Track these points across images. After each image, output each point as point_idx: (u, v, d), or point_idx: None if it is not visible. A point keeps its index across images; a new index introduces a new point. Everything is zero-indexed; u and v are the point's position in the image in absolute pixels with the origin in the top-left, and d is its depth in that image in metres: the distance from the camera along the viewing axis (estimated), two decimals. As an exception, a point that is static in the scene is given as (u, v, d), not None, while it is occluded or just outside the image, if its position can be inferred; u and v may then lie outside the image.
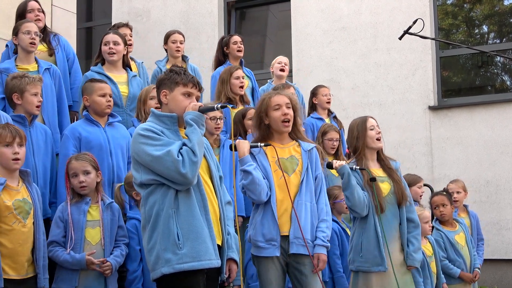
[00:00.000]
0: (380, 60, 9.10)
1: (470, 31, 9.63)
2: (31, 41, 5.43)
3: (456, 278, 6.07)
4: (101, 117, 5.06)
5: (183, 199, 3.56)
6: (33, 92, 4.78)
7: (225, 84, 6.27)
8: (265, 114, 4.42)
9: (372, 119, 4.93)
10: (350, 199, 4.65)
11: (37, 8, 6.11)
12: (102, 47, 5.88)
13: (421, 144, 8.74)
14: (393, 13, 9.10)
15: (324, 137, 6.27)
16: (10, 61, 5.50)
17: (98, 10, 11.89)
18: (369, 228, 4.71)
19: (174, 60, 6.91)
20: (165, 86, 3.75)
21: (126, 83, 5.85)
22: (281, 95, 4.45)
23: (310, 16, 9.61)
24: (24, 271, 3.98)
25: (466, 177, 7.66)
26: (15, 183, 4.06)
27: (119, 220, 4.51)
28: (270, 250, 4.27)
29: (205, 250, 3.53)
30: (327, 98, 7.02)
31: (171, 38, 6.97)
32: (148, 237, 3.59)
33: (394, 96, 8.97)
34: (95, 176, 4.45)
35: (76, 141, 4.89)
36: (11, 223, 3.92)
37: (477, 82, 9.44)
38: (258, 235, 4.29)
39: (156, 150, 3.52)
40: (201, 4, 10.30)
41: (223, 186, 3.89)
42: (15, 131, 4.05)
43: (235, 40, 7.08)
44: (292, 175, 4.38)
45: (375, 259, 4.66)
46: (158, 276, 3.52)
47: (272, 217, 4.28)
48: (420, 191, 6.53)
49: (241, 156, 4.29)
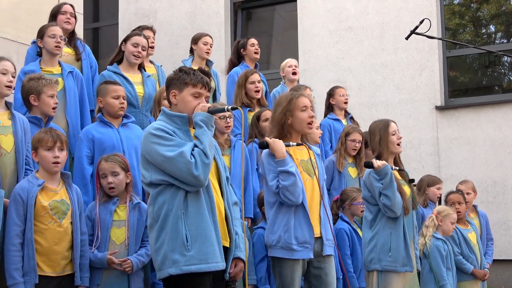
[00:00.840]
0: (386, 60, 9.09)
1: (477, 31, 9.61)
2: (56, 45, 5.50)
3: (468, 274, 6.18)
4: (115, 119, 5.12)
5: (192, 200, 3.57)
6: (49, 93, 4.85)
7: (241, 89, 6.33)
8: (290, 113, 4.40)
9: (393, 124, 5.03)
10: (391, 198, 4.72)
11: (70, 11, 6.22)
12: (129, 46, 5.87)
13: (428, 144, 8.72)
14: (399, 13, 9.09)
15: (347, 137, 6.30)
16: (35, 64, 5.56)
17: (105, 11, 11.92)
18: (399, 229, 4.80)
19: (201, 62, 6.99)
20: (174, 86, 3.75)
21: (142, 83, 5.89)
22: (306, 98, 4.48)
23: (317, 16, 9.61)
24: (60, 268, 4.13)
25: (473, 177, 7.65)
26: (55, 185, 4.22)
27: (146, 220, 4.50)
28: (304, 253, 4.27)
29: (212, 253, 3.54)
30: (344, 98, 7.03)
31: (203, 40, 7.04)
32: (156, 236, 3.59)
33: (401, 96, 8.95)
34: (124, 177, 4.52)
35: (89, 143, 4.97)
36: (47, 223, 4.09)
37: (484, 82, 9.42)
38: (291, 238, 4.24)
39: (169, 150, 3.53)
40: (208, 4, 10.31)
41: (229, 187, 3.89)
42: (57, 135, 4.19)
43: (252, 42, 7.17)
44: (314, 178, 4.41)
45: (403, 260, 4.77)
46: (165, 276, 3.53)
47: (306, 220, 4.28)
48: (438, 192, 6.67)
49: (281, 156, 4.24)
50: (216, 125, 5.43)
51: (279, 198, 4.25)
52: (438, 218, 5.83)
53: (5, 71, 4.54)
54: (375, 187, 4.80)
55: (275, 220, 4.32)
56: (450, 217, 5.85)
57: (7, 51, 6.29)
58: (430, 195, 6.64)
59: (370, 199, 4.90)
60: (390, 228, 4.80)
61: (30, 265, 3.98)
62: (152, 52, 6.65)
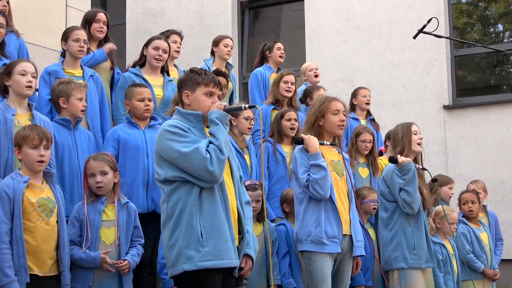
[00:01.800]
0: (394, 59, 9.07)
1: (485, 30, 9.57)
2: (79, 49, 5.56)
3: (478, 273, 6.19)
4: (142, 121, 5.24)
5: (207, 197, 3.58)
6: (78, 97, 4.97)
7: (275, 86, 6.61)
8: (322, 116, 4.66)
9: (415, 125, 5.30)
10: (412, 195, 4.93)
11: (103, 20, 6.29)
12: (150, 50, 5.97)
13: (435, 144, 8.70)
14: (407, 12, 9.06)
15: (358, 138, 6.32)
16: (58, 64, 5.64)
17: (112, 11, 11.93)
18: (420, 226, 5.01)
19: (221, 63, 7.14)
20: (186, 87, 3.77)
21: (162, 87, 5.96)
22: (340, 102, 4.73)
23: (324, 15, 9.60)
24: (47, 268, 4.07)
25: (481, 177, 7.63)
26: (39, 183, 4.17)
27: (134, 221, 4.54)
28: (333, 247, 4.48)
29: (227, 249, 3.55)
30: (366, 99, 7.16)
31: (224, 42, 7.18)
32: (170, 233, 3.60)
33: (409, 96, 8.94)
34: (112, 176, 4.49)
35: (115, 142, 5.10)
36: (34, 220, 4.03)
37: (492, 81, 9.39)
38: (322, 232, 4.45)
39: (184, 146, 3.54)
40: (215, 4, 10.31)
41: (242, 186, 3.91)
42: (43, 133, 4.15)
43: (279, 46, 7.39)
44: (342, 178, 4.66)
45: (426, 256, 5.00)
46: (179, 272, 3.53)
47: (335, 215, 4.51)
48: (450, 192, 6.68)
49: (314, 151, 4.51)
50: (240, 124, 5.57)
51: (308, 191, 4.47)
52: (436, 221, 5.81)
53: (24, 72, 4.62)
54: (396, 183, 4.99)
55: (305, 215, 4.53)
56: (450, 218, 5.79)
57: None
58: (442, 195, 6.64)
59: (388, 195, 5.08)
60: (411, 226, 4.99)
61: (21, 264, 3.91)
62: (177, 56, 6.75)
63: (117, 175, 4.54)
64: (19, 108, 4.59)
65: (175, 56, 6.66)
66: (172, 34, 6.72)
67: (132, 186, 5.01)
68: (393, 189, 4.99)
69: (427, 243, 4.97)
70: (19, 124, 4.50)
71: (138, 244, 4.52)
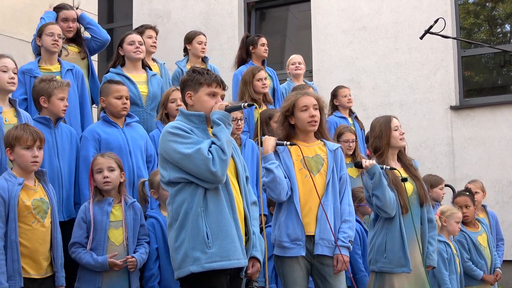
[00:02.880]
0: (401, 60, 9.05)
1: (492, 30, 9.54)
2: (53, 43, 5.48)
3: (478, 280, 6.06)
4: (118, 118, 5.08)
5: (212, 198, 3.56)
6: (60, 96, 4.84)
7: (248, 86, 6.32)
8: (291, 114, 4.44)
9: (395, 119, 4.91)
10: (381, 199, 4.61)
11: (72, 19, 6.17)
12: (126, 46, 5.88)
13: (442, 144, 8.67)
14: (414, 12, 9.05)
15: (340, 138, 6.19)
16: (33, 62, 5.56)
17: (119, 12, 11.97)
18: (394, 229, 4.69)
19: (196, 60, 6.94)
20: (189, 88, 3.75)
21: (146, 83, 5.87)
22: (308, 96, 4.46)
23: (330, 16, 9.59)
24: (43, 270, 4.03)
25: (488, 178, 7.60)
26: (31, 183, 4.10)
27: (140, 219, 4.52)
28: (296, 250, 4.26)
29: (233, 249, 3.53)
30: (347, 99, 7.03)
31: (197, 39, 6.99)
32: (176, 235, 3.58)
33: (415, 96, 8.92)
34: (119, 174, 4.47)
35: (95, 142, 4.92)
36: (30, 223, 3.97)
37: (499, 81, 9.36)
38: (282, 235, 4.28)
39: (186, 148, 3.52)
40: (221, 5, 10.32)
41: (249, 186, 3.88)
42: (36, 134, 4.08)
43: (262, 42, 7.10)
44: (317, 174, 4.37)
45: (399, 260, 4.65)
46: (185, 274, 3.52)
47: (297, 217, 4.27)
48: (442, 192, 6.52)
49: (265, 153, 4.31)
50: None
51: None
52: (442, 218, 5.69)
53: (5, 68, 4.55)
54: (368, 187, 4.72)
55: (275, 219, 4.42)
56: (455, 217, 5.70)
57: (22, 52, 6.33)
58: (434, 196, 6.49)
59: (369, 199, 4.80)
60: (386, 229, 4.71)
61: (15, 268, 3.84)
62: (154, 51, 6.62)
63: (123, 175, 4.52)
64: (2, 105, 4.50)
65: (152, 50, 6.52)
66: (147, 29, 6.62)
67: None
68: (370, 193, 4.73)
69: (403, 248, 4.64)
70: (6, 122, 4.43)
71: (145, 242, 4.49)
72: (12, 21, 7.82)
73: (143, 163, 5.08)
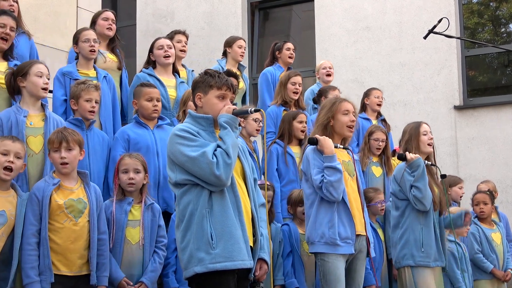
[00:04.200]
0: (404, 60, 9.05)
1: (496, 30, 9.53)
2: (90, 49, 5.55)
3: (487, 273, 6.16)
4: (150, 121, 5.20)
5: (217, 199, 3.59)
6: (86, 98, 4.92)
7: (283, 87, 6.58)
8: (332, 116, 4.65)
9: (425, 125, 5.20)
10: (422, 191, 4.86)
11: (111, 18, 6.25)
12: (156, 51, 6.01)
13: (446, 144, 8.67)
14: (417, 12, 9.04)
15: (371, 137, 6.33)
16: (72, 65, 5.64)
17: (123, 12, 11.97)
18: (429, 224, 4.93)
19: (234, 64, 7.13)
20: (199, 89, 3.79)
21: (175, 87, 5.97)
22: (349, 103, 4.73)
23: (334, 16, 9.59)
24: (76, 268, 4.14)
25: (492, 178, 7.60)
26: (72, 184, 4.24)
27: (159, 220, 4.58)
28: (346, 248, 4.47)
29: (238, 250, 3.55)
30: (378, 100, 7.12)
31: (238, 43, 7.19)
32: (182, 236, 3.62)
33: (419, 96, 8.91)
34: (143, 176, 4.56)
35: (125, 142, 5.05)
36: (62, 221, 4.11)
37: (503, 81, 9.35)
38: (335, 233, 4.45)
39: (192, 151, 3.57)
40: (225, 5, 10.32)
41: (257, 187, 3.91)
42: (62, 136, 4.19)
43: (288, 47, 7.37)
44: (353, 178, 4.67)
45: (435, 255, 4.92)
46: (191, 274, 3.56)
47: (348, 217, 4.51)
48: (461, 192, 6.65)
49: (330, 153, 4.51)
50: (248, 126, 5.57)
51: (321, 193, 4.47)
52: None
53: (40, 74, 4.63)
54: (406, 180, 4.94)
55: (317, 217, 4.53)
56: None
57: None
58: (452, 195, 6.62)
59: (399, 194, 5.02)
60: (420, 224, 4.92)
61: (46, 264, 4.01)
62: (183, 56, 6.72)
63: (146, 177, 4.60)
64: (32, 109, 4.59)
65: (182, 56, 6.63)
66: (176, 34, 6.70)
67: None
68: (404, 187, 4.95)
69: (437, 242, 4.92)
70: (31, 125, 4.52)
71: (161, 247, 4.55)
72: (16, 21, 7.81)
73: None
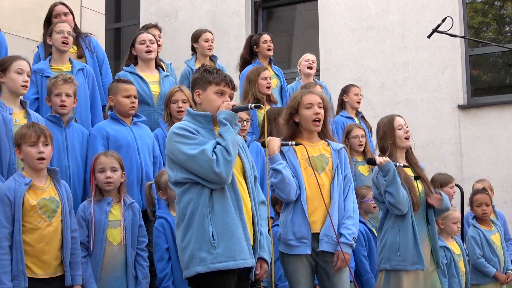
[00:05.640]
0: (408, 59, 9.03)
1: (501, 29, 9.52)
2: (63, 40, 5.43)
3: (490, 277, 6.07)
4: (126, 117, 5.09)
5: (218, 198, 3.57)
6: (56, 92, 4.81)
7: (253, 84, 6.25)
8: (296, 112, 4.41)
9: (399, 118, 4.90)
10: (395, 196, 4.62)
11: (63, 12, 6.08)
12: (138, 46, 5.86)
13: (450, 144, 8.65)
14: (421, 11, 9.03)
15: (349, 135, 6.22)
16: (44, 62, 5.54)
17: (127, 11, 11.99)
18: (407, 227, 4.69)
19: (204, 59, 6.88)
20: (198, 86, 3.76)
21: (158, 83, 5.85)
22: (313, 94, 4.44)
23: (338, 15, 9.58)
24: (52, 269, 4.00)
25: (496, 177, 7.58)
26: (42, 182, 4.08)
27: (139, 220, 4.52)
28: (301, 248, 4.25)
29: (239, 249, 3.53)
30: (358, 98, 6.98)
31: (203, 37, 6.90)
32: (182, 235, 3.59)
33: (423, 95, 8.90)
34: (120, 174, 4.48)
35: (104, 139, 4.93)
36: (36, 223, 3.96)
37: (508, 80, 9.33)
38: (288, 233, 4.28)
39: (191, 149, 3.53)
40: (228, 4, 10.32)
41: (257, 185, 3.88)
42: (40, 130, 4.06)
43: (265, 39, 7.00)
44: (322, 173, 4.37)
45: (413, 258, 4.65)
46: (192, 274, 3.53)
47: (303, 215, 4.26)
48: (452, 191, 6.49)
49: (271, 154, 4.27)
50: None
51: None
52: (438, 221, 5.62)
53: (20, 70, 4.53)
54: (381, 184, 4.71)
55: (281, 216, 4.43)
56: (451, 217, 5.59)
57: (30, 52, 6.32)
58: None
59: (379, 197, 4.80)
60: (398, 226, 4.70)
61: (19, 269, 3.84)
62: (159, 50, 6.46)
63: (123, 175, 4.52)
64: (13, 106, 4.49)
65: (158, 50, 6.32)
66: (149, 28, 6.56)
67: (126, 184, 4.80)
68: (381, 190, 4.73)
69: (416, 245, 4.65)
70: (16, 123, 4.42)
71: (143, 248, 4.49)
72: (19, 21, 7.83)
73: (150, 161, 5.09)
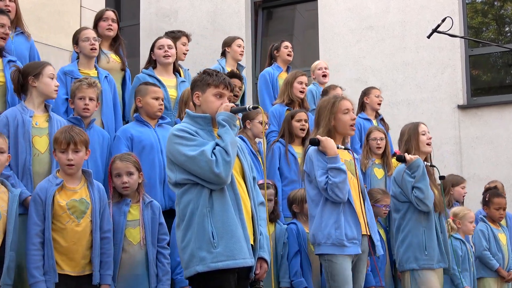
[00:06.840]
0: (408, 59, 9.04)
1: (500, 29, 9.52)
2: (91, 47, 5.54)
3: (492, 271, 6.19)
4: (152, 119, 5.19)
5: (218, 198, 3.60)
6: (79, 96, 4.91)
7: (289, 86, 6.58)
8: (333, 116, 4.59)
9: (423, 125, 5.21)
10: (424, 191, 4.85)
11: (111, 18, 6.23)
12: (156, 51, 6.01)
13: (450, 144, 8.66)
14: (421, 11, 9.03)
15: (369, 137, 6.33)
16: (73, 64, 5.63)
17: (126, 11, 11.98)
18: (431, 226, 4.93)
19: (233, 63, 7.18)
20: (197, 88, 3.81)
21: (175, 87, 5.96)
22: (348, 101, 4.67)
23: (338, 15, 9.58)
24: (79, 268, 4.14)
25: (495, 177, 7.58)
26: (75, 184, 4.23)
27: (159, 218, 4.56)
28: (352, 248, 4.44)
29: (239, 249, 3.56)
30: (378, 99, 7.08)
31: (237, 42, 7.24)
32: (182, 235, 3.63)
33: (423, 95, 8.90)
34: (137, 177, 4.52)
35: (128, 141, 5.03)
36: (64, 222, 4.11)
37: (507, 80, 9.33)
38: (342, 234, 4.41)
39: (191, 150, 3.58)
40: (228, 4, 10.32)
41: (256, 186, 3.92)
42: (69, 137, 4.16)
43: (286, 45, 7.37)
44: (354, 178, 4.61)
45: (438, 256, 4.91)
46: (192, 274, 3.56)
47: (354, 217, 4.47)
48: (463, 191, 6.65)
49: (333, 154, 4.46)
50: (254, 128, 5.59)
51: (327, 194, 4.42)
52: (455, 221, 5.79)
53: (52, 75, 4.67)
54: (407, 182, 4.91)
55: (322, 217, 4.48)
56: (468, 217, 5.85)
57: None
58: (455, 195, 6.60)
59: (400, 196, 5.00)
60: (422, 227, 4.91)
61: (50, 264, 4.02)
62: (183, 58, 6.74)
63: (141, 175, 4.57)
64: (36, 110, 4.60)
65: (182, 58, 6.66)
66: (183, 36, 6.75)
67: (149, 184, 4.95)
68: (405, 189, 4.93)
69: (439, 244, 4.92)
70: (36, 125, 4.52)
71: (164, 246, 4.52)
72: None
73: None
